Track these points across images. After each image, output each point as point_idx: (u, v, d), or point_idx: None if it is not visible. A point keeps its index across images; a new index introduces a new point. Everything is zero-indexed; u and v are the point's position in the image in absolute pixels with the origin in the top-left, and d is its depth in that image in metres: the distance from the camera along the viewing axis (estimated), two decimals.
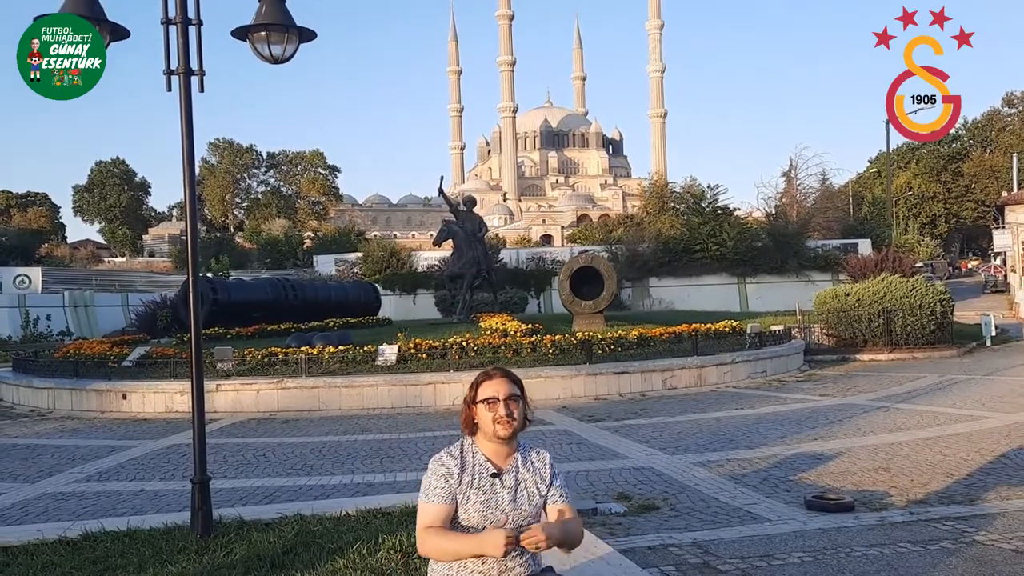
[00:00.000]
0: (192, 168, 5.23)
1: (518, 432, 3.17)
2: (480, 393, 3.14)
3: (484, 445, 3.17)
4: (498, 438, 3.11)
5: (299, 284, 25.37)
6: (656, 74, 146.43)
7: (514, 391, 3.14)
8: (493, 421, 3.09)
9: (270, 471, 9.31)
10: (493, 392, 3.11)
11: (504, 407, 3.09)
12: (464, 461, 3.14)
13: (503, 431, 3.09)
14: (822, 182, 53.58)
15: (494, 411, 3.09)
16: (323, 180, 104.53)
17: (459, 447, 3.20)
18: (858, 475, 8.04)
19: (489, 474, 3.13)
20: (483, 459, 3.15)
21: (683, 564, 5.56)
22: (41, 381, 16.36)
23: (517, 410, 3.13)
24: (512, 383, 3.18)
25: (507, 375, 3.22)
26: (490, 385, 3.14)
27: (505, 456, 3.18)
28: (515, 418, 3.11)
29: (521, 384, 3.23)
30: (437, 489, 3.08)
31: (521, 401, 3.17)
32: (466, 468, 3.12)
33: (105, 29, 5.10)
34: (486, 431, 3.13)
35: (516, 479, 3.15)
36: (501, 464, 3.17)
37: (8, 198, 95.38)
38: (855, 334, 21.30)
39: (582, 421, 12.03)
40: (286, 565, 4.52)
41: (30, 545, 5.13)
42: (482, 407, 3.12)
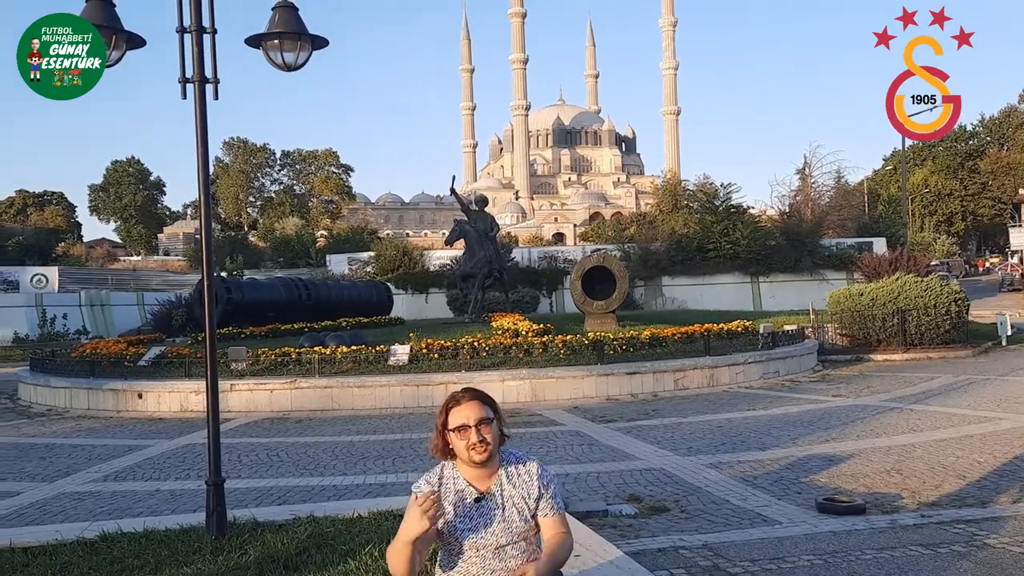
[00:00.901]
0: (207, 173, 5.29)
1: (496, 452, 3.11)
2: (451, 420, 3.07)
3: (464, 469, 3.12)
4: (474, 463, 3.06)
5: (312, 284, 25.49)
6: (669, 71, 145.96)
7: (485, 414, 3.06)
8: (467, 448, 3.02)
9: (283, 471, 9.38)
10: (463, 419, 3.03)
11: (476, 433, 3.01)
12: (444, 488, 3.10)
13: (478, 457, 3.03)
14: (837, 180, 53.34)
15: (467, 438, 3.02)
16: (336, 179, 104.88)
17: (438, 474, 3.15)
18: (870, 477, 8.03)
19: (472, 499, 3.08)
20: (464, 484, 3.10)
21: (693, 567, 5.58)
22: (58, 380, 16.54)
23: (490, 433, 3.05)
24: (483, 404, 3.09)
25: (477, 396, 3.13)
26: (459, 411, 3.06)
27: (488, 476, 3.12)
28: (489, 442, 3.04)
29: (493, 402, 3.15)
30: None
31: (495, 421, 3.09)
32: (446, 497, 3.08)
33: (122, 38, 5.17)
34: (462, 457, 3.07)
35: (502, 498, 3.10)
36: (484, 486, 3.12)
37: (25, 197, 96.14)
38: (869, 334, 21.21)
39: (593, 422, 12.06)
40: (299, 567, 4.57)
41: (48, 545, 5.21)
42: (454, 435, 3.05)
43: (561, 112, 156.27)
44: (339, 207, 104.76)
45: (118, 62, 5.23)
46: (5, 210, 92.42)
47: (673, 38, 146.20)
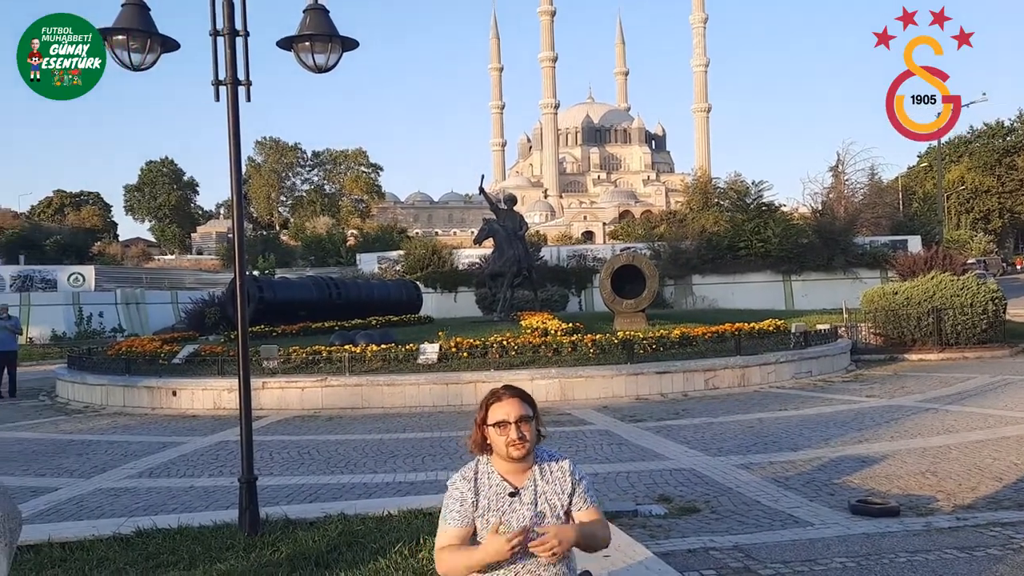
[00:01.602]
0: (239, 173, 5.35)
1: (533, 450, 3.15)
2: (491, 415, 3.11)
3: (499, 464, 3.15)
4: (512, 459, 3.10)
5: (342, 283, 25.64)
6: (700, 68, 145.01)
7: (525, 411, 3.10)
8: (506, 444, 3.06)
9: (314, 469, 9.46)
10: (504, 415, 3.08)
11: (516, 430, 3.05)
12: (479, 484, 3.13)
13: (516, 453, 3.07)
14: (871, 177, 52.63)
15: (506, 435, 3.06)
16: (366, 178, 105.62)
17: (473, 469, 3.18)
18: (904, 479, 7.92)
19: (507, 493, 3.11)
20: (499, 479, 3.13)
21: (724, 568, 5.54)
22: (95, 378, 16.81)
23: (529, 431, 3.09)
24: (523, 402, 3.14)
25: (517, 394, 3.17)
26: (500, 407, 3.11)
27: (522, 472, 3.15)
28: (528, 439, 3.08)
29: (532, 401, 3.19)
30: (453, 512, 3.09)
31: (534, 420, 3.13)
32: (481, 491, 3.11)
33: (156, 42, 5.25)
34: (500, 453, 3.11)
35: (535, 493, 3.13)
36: (518, 481, 3.14)
37: (63, 197, 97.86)
38: (904, 333, 20.92)
39: (623, 421, 12.02)
40: (330, 564, 4.62)
41: (85, 541, 5.30)
42: (493, 430, 3.09)
43: (590, 110, 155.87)
44: (369, 206, 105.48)
45: (153, 65, 5.30)
46: (43, 210, 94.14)
47: (704, 35, 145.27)
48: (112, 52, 5.14)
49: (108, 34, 5.13)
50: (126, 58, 5.15)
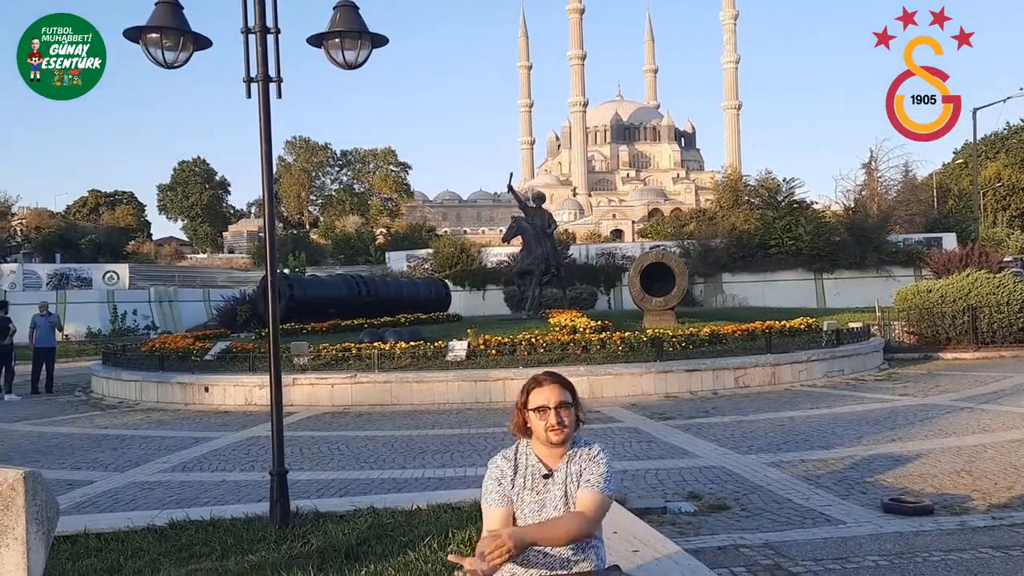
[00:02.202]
0: (270, 169, 5.40)
1: (571, 436, 3.23)
2: (531, 400, 3.20)
3: (538, 448, 3.25)
4: (551, 444, 3.18)
5: (372, 281, 25.79)
6: (730, 65, 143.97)
7: (565, 398, 3.18)
8: (545, 429, 3.15)
9: (344, 464, 9.53)
10: (544, 400, 3.16)
11: (555, 415, 3.13)
12: (517, 464, 3.23)
13: (555, 438, 3.16)
14: (904, 174, 51.86)
15: (545, 419, 3.14)
16: (395, 177, 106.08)
17: (514, 450, 3.29)
18: (938, 478, 7.81)
19: (541, 475, 3.20)
20: (535, 461, 3.22)
21: (754, 565, 5.50)
22: (129, 374, 17.07)
23: (568, 417, 3.17)
24: (563, 389, 3.21)
25: (557, 380, 3.24)
26: (540, 393, 3.19)
27: (558, 456, 3.23)
28: (567, 425, 3.16)
29: (572, 388, 3.25)
30: (493, 493, 3.18)
31: (573, 406, 3.20)
32: (519, 471, 3.21)
33: (189, 40, 5.32)
34: (539, 437, 3.20)
35: (565, 475, 3.20)
36: (553, 464, 3.22)
37: (97, 197, 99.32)
38: (938, 332, 20.62)
39: (652, 419, 11.97)
40: (360, 557, 4.65)
41: (120, 532, 5.39)
42: (533, 415, 3.18)
43: (619, 108, 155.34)
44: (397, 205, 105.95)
45: (186, 63, 5.37)
46: (78, 209, 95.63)
47: (734, 31, 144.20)
48: (146, 50, 5.21)
49: (142, 32, 5.21)
50: (160, 56, 5.22)
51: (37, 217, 77.23)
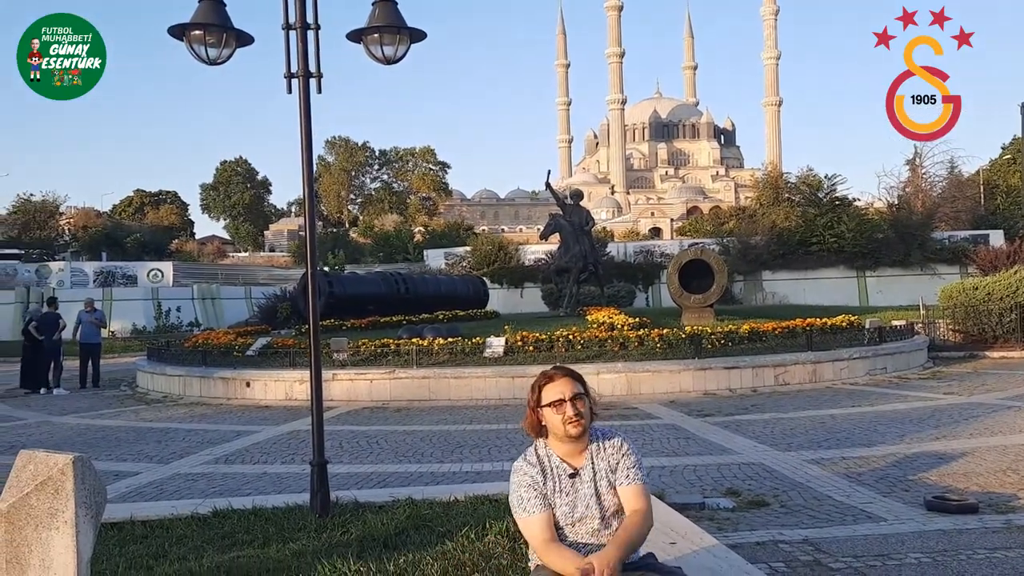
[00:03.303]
0: (310, 165, 5.48)
1: (588, 428, 3.18)
2: (544, 396, 3.15)
3: (557, 446, 3.19)
4: (570, 438, 3.12)
5: (410, 278, 25.98)
6: (771, 61, 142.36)
7: (578, 389, 3.14)
8: (563, 422, 3.09)
9: (383, 458, 9.62)
10: (558, 394, 3.11)
11: (572, 407, 3.09)
12: (544, 466, 3.17)
13: (574, 430, 3.10)
14: (950, 170, 50.87)
15: (562, 412, 3.09)
16: (433, 176, 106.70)
17: (534, 453, 3.23)
18: (983, 476, 7.66)
19: (567, 475, 3.15)
20: (558, 461, 3.18)
21: (793, 561, 5.45)
22: (173, 369, 17.39)
23: (584, 408, 3.13)
24: (575, 381, 3.18)
25: (568, 373, 3.21)
26: (553, 387, 3.14)
27: (579, 453, 3.19)
28: (584, 416, 3.11)
29: (583, 380, 3.23)
30: (533, 500, 3.11)
31: (586, 397, 3.16)
32: (547, 473, 3.16)
33: (232, 36, 5.41)
34: (557, 433, 3.14)
35: (593, 472, 3.16)
36: (576, 462, 3.18)
37: (142, 197, 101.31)
38: (984, 330, 20.20)
39: (691, 416, 11.90)
40: (398, 546, 4.70)
41: (165, 519, 5.51)
42: (549, 411, 3.13)
43: (658, 105, 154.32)
44: (436, 203, 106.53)
45: (228, 59, 5.47)
46: (123, 209, 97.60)
47: (775, 27, 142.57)
48: (190, 47, 5.32)
49: (186, 29, 5.32)
50: (203, 53, 5.33)
51: (84, 216, 78.99)
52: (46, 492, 3.56)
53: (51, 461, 3.65)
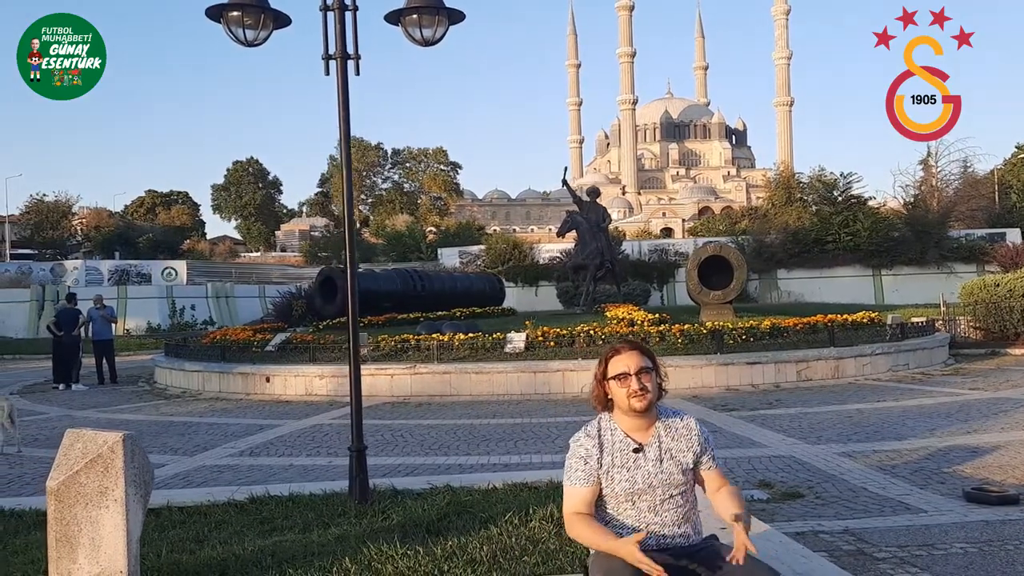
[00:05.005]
0: (348, 146, 5.44)
1: (655, 403, 3.14)
2: (611, 369, 3.12)
3: (622, 420, 3.15)
4: (634, 411, 3.08)
5: (426, 275, 25.92)
6: (782, 61, 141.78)
7: (645, 363, 3.10)
8: (628, 396, 3.06)
9: (408, 450, 9.58)
10: (624, 367, 3.08)
11: (636, 381, 3.05)
12: (603, 440, 3.13)
13: (638, 404, 3.06)
14: (964, 169, 50.55)
15: (627, 386, 3.06)
16: (444, 176, 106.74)
17: (596, 426, 3.18)
18: (1019, 468, 7.56)
19: (631, 449, 3.10)
20: (622, 436, 3.13)
21: (836, 550, 5.38)
22: (192, 364, 17.39)
23: (650, 382, 3.09)
24: (643, 355, 3.14)
25: (636, 347, 3.18)
26: (620, 360, 3.11)
27: (646, 428, 3.14)
28: (649, 390, 3.07)
29: (652, 354, 3.18)
30: (578, 472, 3.09)
31: (654, 372, 3.12)
32: (605, 448, 3.11)
33: (269, 17, 5.37)
34: (621, 406, 3.11)
35: (660, 450, 3.12)
36: (642, 438, 3.13)
37: (154, 197, 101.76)
38: (1006, 327, 20.02)
39: (715, 410, 11.81)
40: (441, 531, 4.65)
41: (202, 505, 5.48)
42: (614, 383, 3.10)
43: (669, 105, 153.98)
44: (447, 204, 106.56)
45: (265, 41, 5.42)
46: (135, 209, 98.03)
47: (786, 27, 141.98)
48: (228, 28, 5.28)
49: (223, 10, 5.28)
50: (241, 34, 5.29)
51: (97, 216, 79.25)
52: (95, 470, 3.53)
53: (100, 439, 3.62)
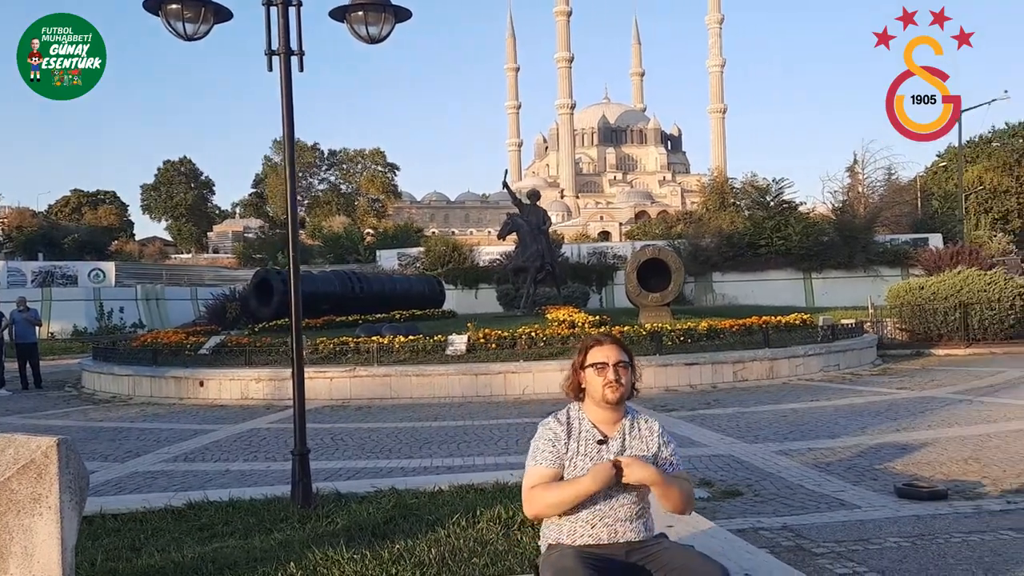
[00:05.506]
0: (292, 145, 5.34)
1: (626, 399, 3.19)
2: (589, 358, 3.18)
3: (591, 411, 3.19)
4: (606, 402, 3.13)
5: (365, 277, 25.66)
6: (716, 69, 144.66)
7: (623, 358, 3.17)
8: (602, 386, 3.11)
9: (350, 454, 9.45)
10: (603, 357, 3.14)
11: (613, 372, 3.11)
12: (571, 427, 3.16)
13: (612, 395, 3.11)
14: (889, 176, 52.25)
15: (603, 376, 3.11)
16: (382, 177, 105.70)
17: (566, 413, 3.22)
18: (947, 465, 7.84)
19: (596, 440, 3.14)
20: (589, 425, 3.17)
21: (776, 546, 5.48)
22: (121, 368, 16.88)
23: (626, 376, 3.16)
24: (622, 350, 3.21)
25: (617, 342, 3.25)
26: (600, 350, 3.18)
27: (612, 423, 3.19)
28: (623, 383, 3.14)
29: (630, 352, 3.25)
30: (545, 452, 3.11)
31: (630, 368, 3.19)
32: (572, 434, 3.15)
33: (210, 11, 5.24)
34: (594, 396, 3.15)
35: (623, 446, 3.16)
36: (608, 431, 3.18)
37: (80, 197, 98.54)
38: (930, 328, 20.76)
39: (655, 411, 11.92)
40: (388, 535, 4.58)
41: (137, 512, 5.31)
42: (591, 372, 3.15)
43: (606, 110, 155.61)
44: (385, 206, 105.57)
45: (205, 35, 5.28)
46: (60, 209, 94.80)
47: (720, 35, 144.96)
48: (166, 21, 5.13)
49: (162, 3, 5.13)
50: (180, 28, 5.15)
51: (19, 216, 76.40)
52: (28, 476, 3.37)
53: (33, 444, 3.46)
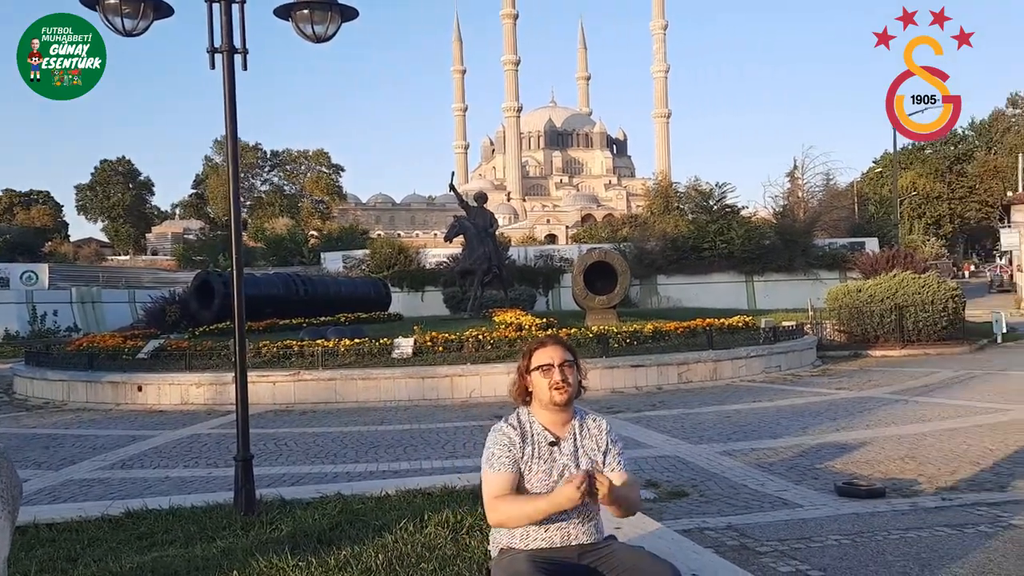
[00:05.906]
0: (235, 146, 5.23)
1: (574, 399, 3.18)
2: (534, 360, 3.15)
3: (540, 414, 3.17)
4: (554, 404, 3.11)
5: (309, 279, 25.31)
6: (660, 74, 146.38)
7: (568, 357, 3.15)
8: (549, 387, 3.09)
9: (294, 459, 9.31)
10: (548, 359, 3.12)
11: (559, 372, 3.09)
12: (524, 431, 3.14)
13: (559, 397, 3.09)
14: (827, 181, 53.58)
15: (549, 377, 3.09)
16: (327, 179, 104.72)
17: (516, 417, 3.20)
18: (885, 464, 8.04)
19: (548, 443, 3.12)
20: (540, 428, 3.15)
21: (721, 546, 5.55)
22: (55, 373, 16.38)
23: (572, 375, 3.14)
24: (566, 350, 3.19)
25: (560, 342, 3.23)
26: (544, 352, 3.15)
27: (562, 424, 3.17)
28: (570, 383, 3.12)
29: (575, 350, 3.24)
30: (502, 458, 3.07)
31: (575, 367, 3.17)
32: (526, 438, 3.12)
33: (149, 7, 5.10)
34: (542, 399, 3.13)
35: (575, 446, 3.15)
36: (559, 432, 3.16)
37: (11, 196, 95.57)
38: (867, 330, 21.28)
39: (601, 412, 11.98)
40: (334, 541, 4.51)
41: (73, 522, 5.14)
42: (537, 374, 3.13)
43: (553, 114, 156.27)
44: (329, 207, 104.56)
45: (144, 32, 5.15)
46: None
47: (664, 41, 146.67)
48: (104, 16, 4.99)
49: None
50: (119, 24, 5.00)
51: None
52: None
53: None
